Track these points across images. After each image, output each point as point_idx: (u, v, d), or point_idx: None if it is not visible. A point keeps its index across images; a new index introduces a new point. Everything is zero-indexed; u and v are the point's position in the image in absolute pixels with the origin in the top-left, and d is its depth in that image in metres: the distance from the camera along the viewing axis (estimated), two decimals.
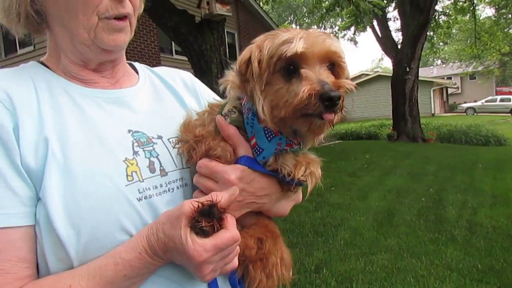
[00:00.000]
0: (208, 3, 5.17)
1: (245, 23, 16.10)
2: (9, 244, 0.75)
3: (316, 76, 0.78)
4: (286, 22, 38.79)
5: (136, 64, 1.15)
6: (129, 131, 0.92)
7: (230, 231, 0.75)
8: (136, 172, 0.86)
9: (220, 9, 5.12)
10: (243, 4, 14.11)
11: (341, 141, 17.54)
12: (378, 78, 31.23)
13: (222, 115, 0.92)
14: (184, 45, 5.55)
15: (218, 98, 1.10)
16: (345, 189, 7.85)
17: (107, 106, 0.94)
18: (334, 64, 0.84)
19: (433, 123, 19.60)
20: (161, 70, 1.19)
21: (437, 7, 17.07)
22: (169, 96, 1.10)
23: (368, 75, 34.24)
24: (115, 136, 0.89)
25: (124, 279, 0.76)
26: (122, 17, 0.89)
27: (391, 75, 17.32)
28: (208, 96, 1.17)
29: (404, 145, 14.26)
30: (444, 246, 4.83)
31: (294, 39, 0.77)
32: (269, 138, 0.86)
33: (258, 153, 0.88)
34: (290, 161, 0.89)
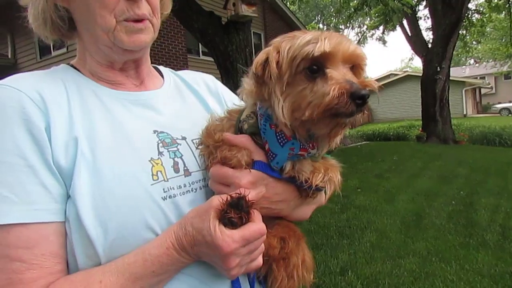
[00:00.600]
0: (234, 4, 5.21)
1: (272, 24, 16.09)
2: (42, 239, 0.78)
3: (342, 75, 0.77)
4: (313, 22, 38.49)
5: (161, 68, 1.19)
6: (155, 131, 0.95)
7: (257, 224, 0.78)
8: (161, 171, 0.88)
9: (246, 10, 5.15)
10: (269, 5, 14.11)
11: (368, 142, 17.25)
12: (408, 78, 30.48)
13: (240, 120, 0.93)
14: (210, 46, 5.62)
15: (239, 101, 1.11)
16: (371, 191, 7.72)
17: (133, 108, 0.97)
18: (354, 67, 0.84)
19: (465, 124, 18.97)
20: (184, 73, 1.22)
21: (470, 5, 16.50)
22: (192, 99, 1.14)
23: (397, 75, 33.48)
24: (141, 136, 0.92)
25: (153, 275, 0.78)
26: (140, 20, 0.92)
27: (420, 75, 16.88)
28: (230, 99, 1.19)
29: (434, 146, 13.86)
30: (475, 250, 4.67)
31: (319, 39, 0.77)
32: (281, 144, 0.85)
33: (272, 158, 0.87)
34: (308, 168, 0.88)
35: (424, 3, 19.59)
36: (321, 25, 40.49)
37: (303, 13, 39.82)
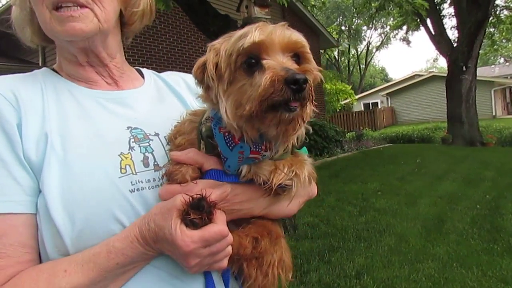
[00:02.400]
0: (247, 6, 5.23)
1: (292, 26, 15.91)
2: (11, 229, 0.80)
3: (278, 63, 0.74)
4: (335, 24, 38.16)
5: (144, 70, 1.22)
6: (128, 127, 0.98)
7: (218, 225, 0.78)
8: (130, 165, 0.90)
9: (259, 13, 5.14)
10: (289, 7, 14.07)
11: (391, 144, 16.92)
12: (433, 78, 29.66)
13: (201, 123, 0.92)
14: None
15: None
16: (392, 194, 7.56)
17: (108, 105, 1.00)
18: (298, 56, 0.80)
19: (493, 126, 18.30)
20: (166, 75, 1.24)
21: (498, 1, 15.95)
22: (172, 98, 1.16)
23: (421, 75, 32.68)
24: (113, 132, 0.95)
25: (117, 267, 0.80)
26: (70, 6, 0.89)
27: (446, 75, 16.42)
28: None
29: (460, 149, 13.44)
30: (499, 257, 4.48)
31: (250, 31, 0.75)
32: (230, 147, 0.83)
33: (224, 161, 0.86)
34: (265, 169, 0.85)
35: (448, 1, 19.09)
36: (343, 27, 40.10)
37: (324, 15, 39.47)
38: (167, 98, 1.14)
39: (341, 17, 40.55)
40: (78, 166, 0.84)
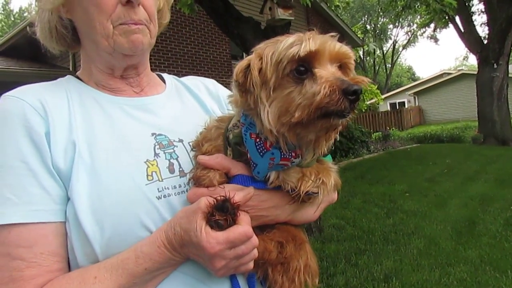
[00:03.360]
0: (270, 8, 5.25)
1: (316, 26, 15.87)
2: (41, 239, 0.82)
3: (331, 73, 0.76)
4: (360, 23, 37.60)
5: (164, 75, 1.24)
6: (153, 134, 0.99)
7: (242, 226, 0.78)
8: (156, 172, 0.92)
9: (282, 14, 5.15)
10: (313, 8, 13.99)
11: (419, 144, 16.51)
12: (462, 76, 28.72)
13: (228, 129, 0.93)
14: (250, 52, 5.67)
15: None
16: (421, 196, 7.39)
17: (133, 112, 1.02)
18: (341, 66, 0.82)
19: None
20: (187, 79, 1.27)
21: None
22: (193, 103, 1.17)
23: (450, 74, 31.72)
24: (138, 139, 0.96)
25: (145, 272, 0.81)
26: (137, 22, 0.95)
27: (476, 73, 15.89)
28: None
29: (492, 148, 12.96)
30: None
31: (303, 40, 0.76)
32: (261, 153, 0.83)
33: (253, 167, 0.86)
34: (293, 176, 0.86)
35: None
36: (368, 26, 39.45)
37: (349, 15, 38.98)
38: (188, 103, 1.16)
39: (366, 16, 39.95)
40: (105, 174, 0.86)
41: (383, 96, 27.18)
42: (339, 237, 5.42)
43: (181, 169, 0.97)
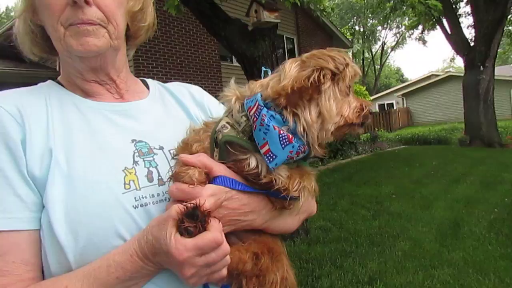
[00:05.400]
0: (256, 11, 5.24)
1: (305, 28, 15.97)
2: (14, 247, 0.80)
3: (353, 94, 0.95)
4: (349, 24, 37.81)
5: (149, 81, 1.21)
6: (133, 140, 0.97)
7: (212, 233, 0.76)
8: (133, 180, 0.90)
9: (268, 17, 5.14)
10: (302, 9, 14.02)
11: (406, 146, 16.67)
12: (450, 78, 29.10)
13: (216, 131, 0.92)
14: (237, 53, 5.65)
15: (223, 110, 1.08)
16: (407, 197, 7.44)
17: (113, 117, 1.00)
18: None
19: None
20: (172, 85, 1.24)
21: None
22: (177, 110, 1.15)
23: (438, 75, 32.11)
24: (118, 145, 0.94)
25: (117, 282, 0.79)
26: (85, 21, 0.90)
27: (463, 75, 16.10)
28: (216, 110, 1.18)
29: (478, 150, 13.15)
30: None
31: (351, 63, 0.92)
32: (283, 145, 0.84)
33: (271, 159, 0.84)
34: (283, 174, 0.86)
35: None
36: (357, 27, 39.71)
37: (338, 16, 39.16)
38: (172, 110, 1.14)
39: (355, 18, 40.18)
40: (81, 182, 0.84)
41: (372, 98, 27.40)
42: (325, 239, 5.42)
43: (160, 177, 0.95)
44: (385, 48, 44.70)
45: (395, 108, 31.72)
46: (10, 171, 0.82)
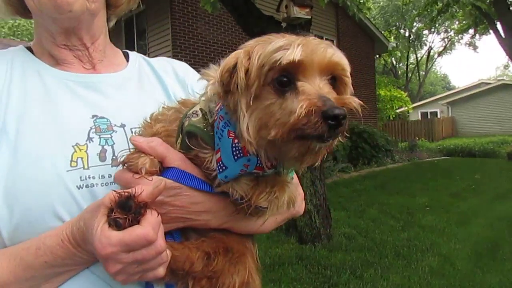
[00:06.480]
0: (286, 6, 5.10)
1: (346, 30, 15.53)
2: None
3: (315, 90, 0.65)
4: (394, 28, 36.53)
5: (132, 53, 1.13)
6: (94, 116, 0.90)
7: (143, 228, 0.67)
8: (82, 158, 0.83)
9: (299, 12, 4.99)
10: (343, 10, 13.67)
11: (447, 157, 15.83)
12: (502, 87, 27.29)
13: (186, 115, 0.81)
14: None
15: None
16: (442, 211, 7.00)
17: (78, 89, 0.93)
18: (335, 79, 0.72)
19: None
20: (156, 60, 1.16)
21: None
22: (154, 86, 1.06)
23: (488, 83, 30.31)
24: (74, 119, 0.88)
25: (46, 266, 0.74)
26: None
27: None
28: (197, 87, 1.07)
29: None
30: None
31: (291, 45, 0.65)
32: (235, 157, 0.72)
33: (221, 170, 0.74)
34: (245, 183, 0.75)
35: None
36: (402, 31, 38.28)
37: (383, 19, 37.99)
38: (148, 86, 1.05)
39: (400, 21, 38.79)
40: (26, 154, 0.79)
41: (414, 105, 26.37)
42: (348, 247, 5.16)
43: (114, 157, 0.87)
44: (431, 54, 42.90)
45: (439, 116, 30.30)
46: None
